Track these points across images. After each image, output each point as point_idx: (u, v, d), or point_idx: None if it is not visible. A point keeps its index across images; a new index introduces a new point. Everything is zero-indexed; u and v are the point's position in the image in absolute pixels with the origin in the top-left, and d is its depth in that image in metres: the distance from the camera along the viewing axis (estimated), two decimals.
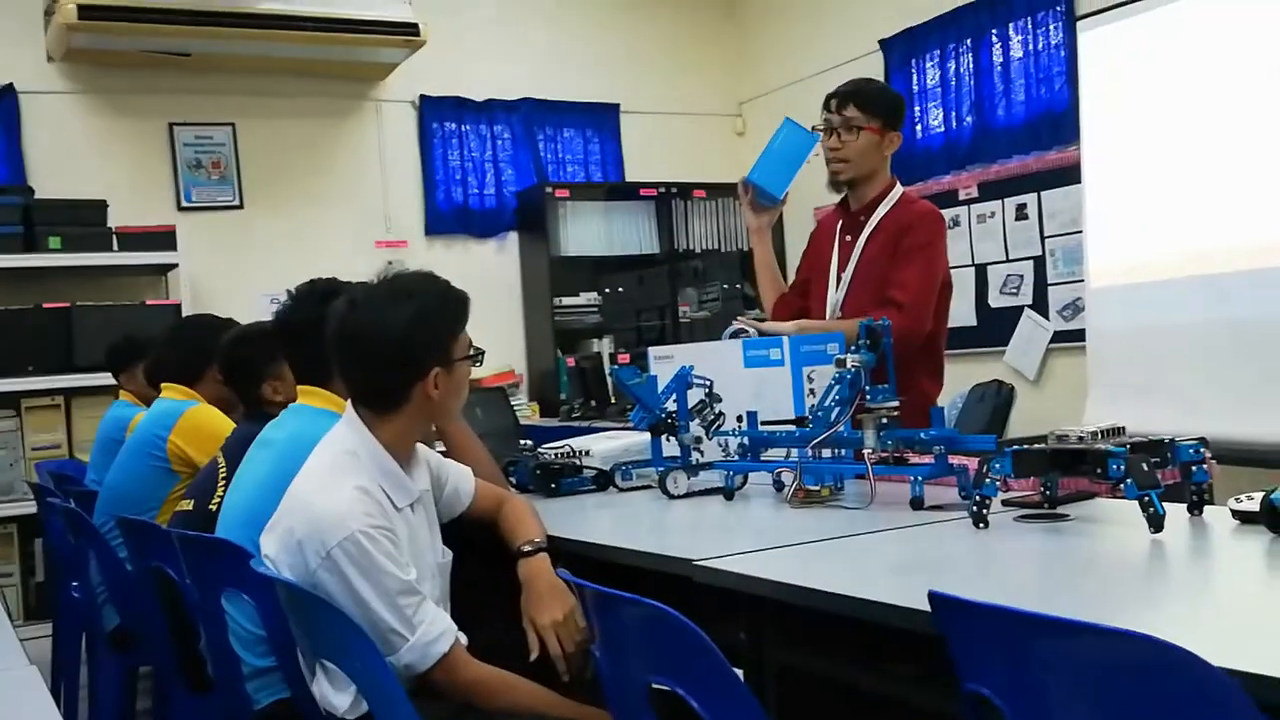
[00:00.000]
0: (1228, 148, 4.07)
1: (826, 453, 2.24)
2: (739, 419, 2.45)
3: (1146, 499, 1.66)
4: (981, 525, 1.81)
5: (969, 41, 5.53)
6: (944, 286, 2.90)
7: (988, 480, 1.82)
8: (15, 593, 5.04)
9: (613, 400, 5.33)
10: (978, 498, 1.82)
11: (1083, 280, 4.81)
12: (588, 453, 2.76)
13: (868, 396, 2.14)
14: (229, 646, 2.06)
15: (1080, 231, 4.81)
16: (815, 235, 3.17)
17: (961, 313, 5.03)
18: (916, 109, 5.79)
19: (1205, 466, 1.81)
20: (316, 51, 5.65)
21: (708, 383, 2.58)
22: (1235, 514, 1.72)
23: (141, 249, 5.24)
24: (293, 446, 2.04)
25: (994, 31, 5.43)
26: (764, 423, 2.39)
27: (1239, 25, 4.06)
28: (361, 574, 1.77)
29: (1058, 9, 5.12)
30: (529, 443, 2.90)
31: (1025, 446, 1.85)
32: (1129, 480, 1.67)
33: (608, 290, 6.48)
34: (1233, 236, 4.06)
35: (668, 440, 2.58)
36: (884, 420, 2.12)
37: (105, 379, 4.39)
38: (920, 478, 2.04)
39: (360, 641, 1.63)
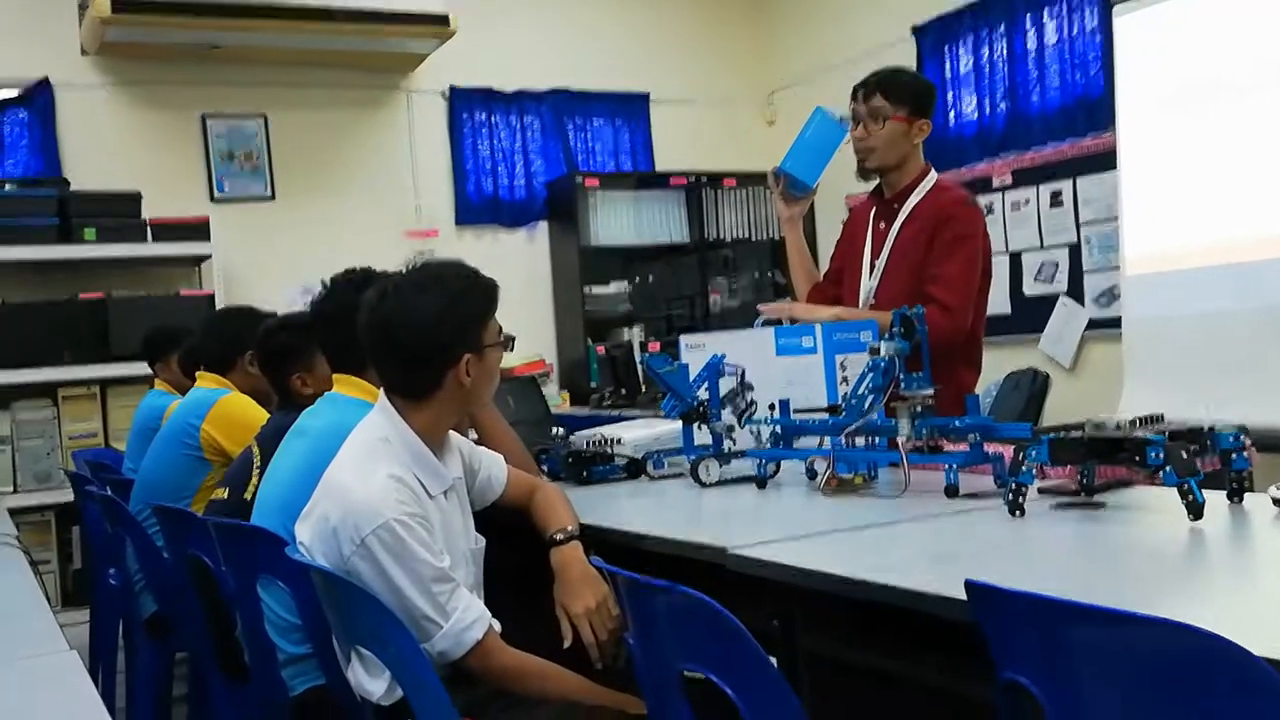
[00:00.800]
0: (1266, 134, 4.01)
1: (860, 441, 2.24)
2: (771, 407, 2.45)
3: (1185, 486, 1.64)
4: (1018, 513, 1.80)
5: (1003, 27, 5.48)
6: (982, 277, 2.88)
7: (1024, 468, 1.81)
8: (54, 579, 5.11)
9: (643, 389, 5.33)
10: (1014, 485, 1.81)
11: (1118, 267, 4.76)
12: (619, 441, 2.76)
13: (902, 384, 2.13)
14: (264, 633, 2.08)
15: (1116, 218, 4.76)
16: (849, 223, 3.15)
17: (996, 300, 4.97)
18: (950, 95, 5.75)
19: (1245, 454, 1.79)
20: (346, 43, 5.67)
21: (739, 371, 2.58)
22: (1276, 501, 1.70)
23: (175, 240, 5.28)
24: (327, 435, 2.05)
25: (1028, 16, 5.37)
26: (796, 411, 2.38)
27: (1276, 9, 4.00)
28: (396, 561, 1.78)
29: None
30: (560, 431, 2.90)
31: (1062, 434, 1.83)
32: (1168, 468, 1.65)
33: (638, 279, 6.48)
34: (1271, 224, 4.01)
35: (699, 428, 2.58)
36: (918, 408, 2.11)
37: (140, 368, 4.43)
38: (955, 465, 2.04)
39: (395, 628, 1.64)
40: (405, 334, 1.90)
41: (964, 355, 2.85)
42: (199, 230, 5.33)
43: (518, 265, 6.32)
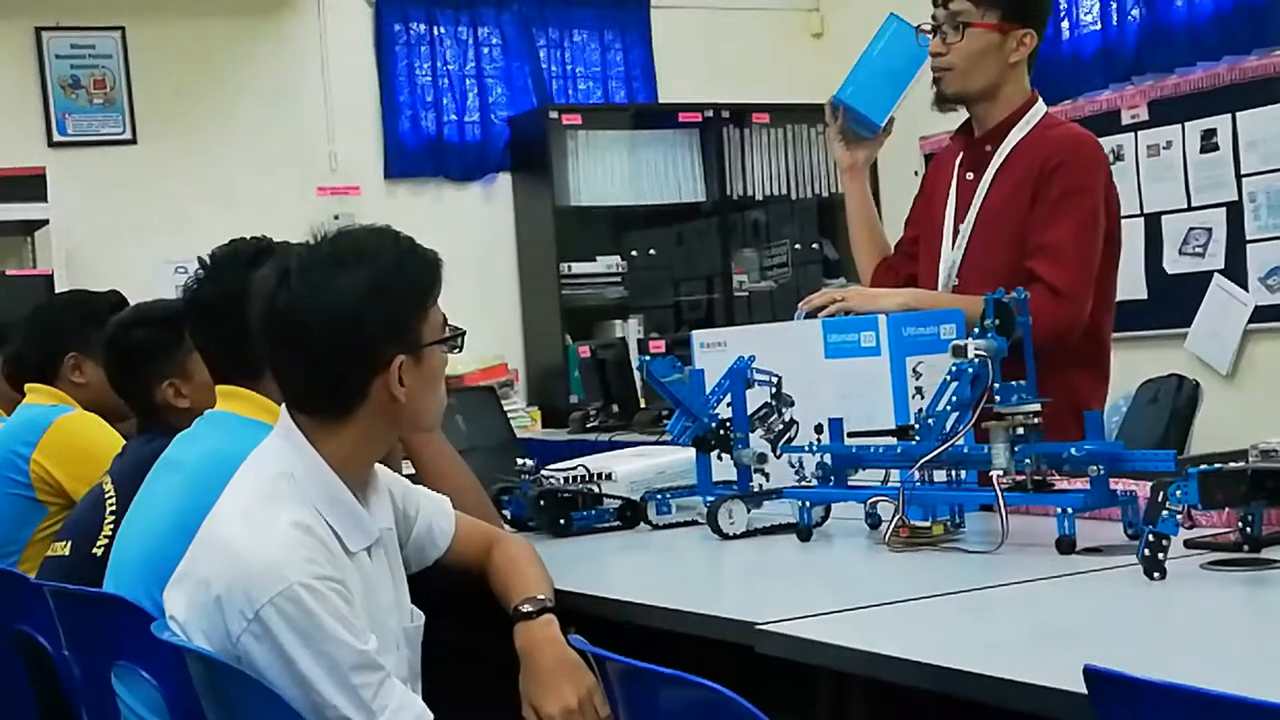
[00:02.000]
0: None
1: (940, 476, 2.24)
2: (818, 429, 2.44)
3: None
4: (1156, 575, 1.80)
5: None
6: (1111, 243, 2.88)
7: (1165, 513, 1.81)
8: None
9: (643, 404, 5.33)
10: (1151, 537, 1.81)
11: None
12: (610, 476, 2.76)
13: (997, 398, 2.13)
14: None
15: None
16: (928, 176, 3.16)
17: (1126, 282, 4.99)
18: (1063, 0, 5.75)
19: None
20: None
21: (774, 379, 2.58)
22: None
23: None
24: (208, 468, 2.05)
25: None
26: (852, 434, 2.38)
27: None
28: (302, 641, 1.78)
29: None
30: (529, 462, 2.90)
31: (1217, 466, 1.83)
32: None
33: (635, 253, 6.49)
34: None
35: (719, 458, 2.57)
36: (1020, 431, 2.12)
37: None
38: (1070, 509, 2.03)
39: None
40: (315, 329, 1.90)
41: (1082, 357, 2.84)
42: (31, 186, 5.34)
43: (470, 234, 6.33)
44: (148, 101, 5.99)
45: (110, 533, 2.37)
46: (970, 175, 2.97)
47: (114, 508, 2.44)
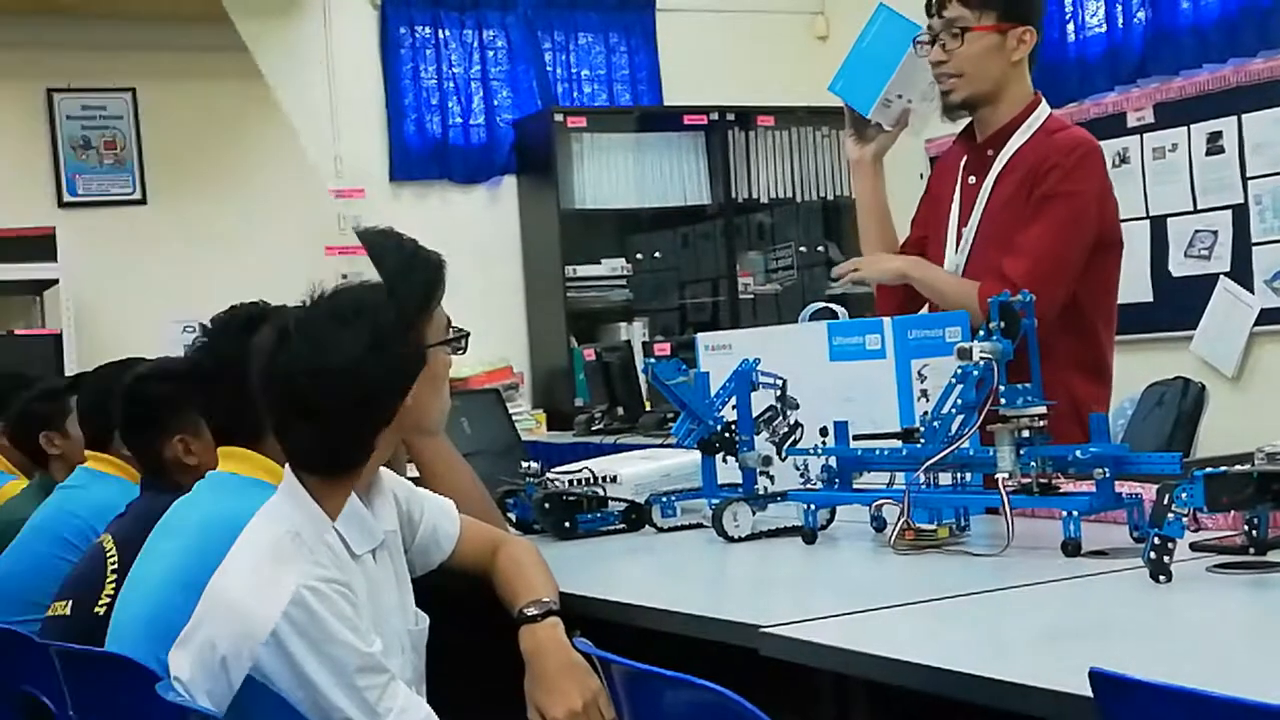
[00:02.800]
0: None
1: (945, 478, 2.24)
2: (823, 432, 2.44)
3: None
4: (1162, 578, 1.80)
5: None
6: (1109, 247, 2.88)
7: (1171, 516, 1.81)
8: None
9: (648, 407, 5.33)
10: (1156, 540, 1.81)
11: None
12: (615, 479, 2.76)
13: (1002, 400, 2.13)
14: None
15: None
16: (933, 178, 3.15)
17: (1131, 284, 4.99)
18: (1068, 1, 5.74)
19: None
20: None
21: (779, 382, 2.58)
22: None
23: (8, 259, 5.28)
24: (210, 530, 2.03)
25: None
26: (857, 437, 2.38)
27: None
28: (308, 645, 1.78)
29: None
30: (534, 465, 2.90)
31: (1223, 469, 1.83)
32: None
33: (640, 256, 6.48)
34: None
35: (724, 461, 2.58)
36: (1025, 433, 2.12)
37: None
38: (1076, 512, 2.03)
39: None
40: (319, 387, 1.90)
41: (1082, 356, 2.84)
42: (41, 246, 5.33)
43: (475, 237, 6.33)
44: (158, 162, 6.00)
45: (112, 592, 2.34)
46: (973, 179, 2.97)
47: (115, 566, 2.42)
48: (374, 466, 2.02)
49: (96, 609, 2.38)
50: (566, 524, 2.66)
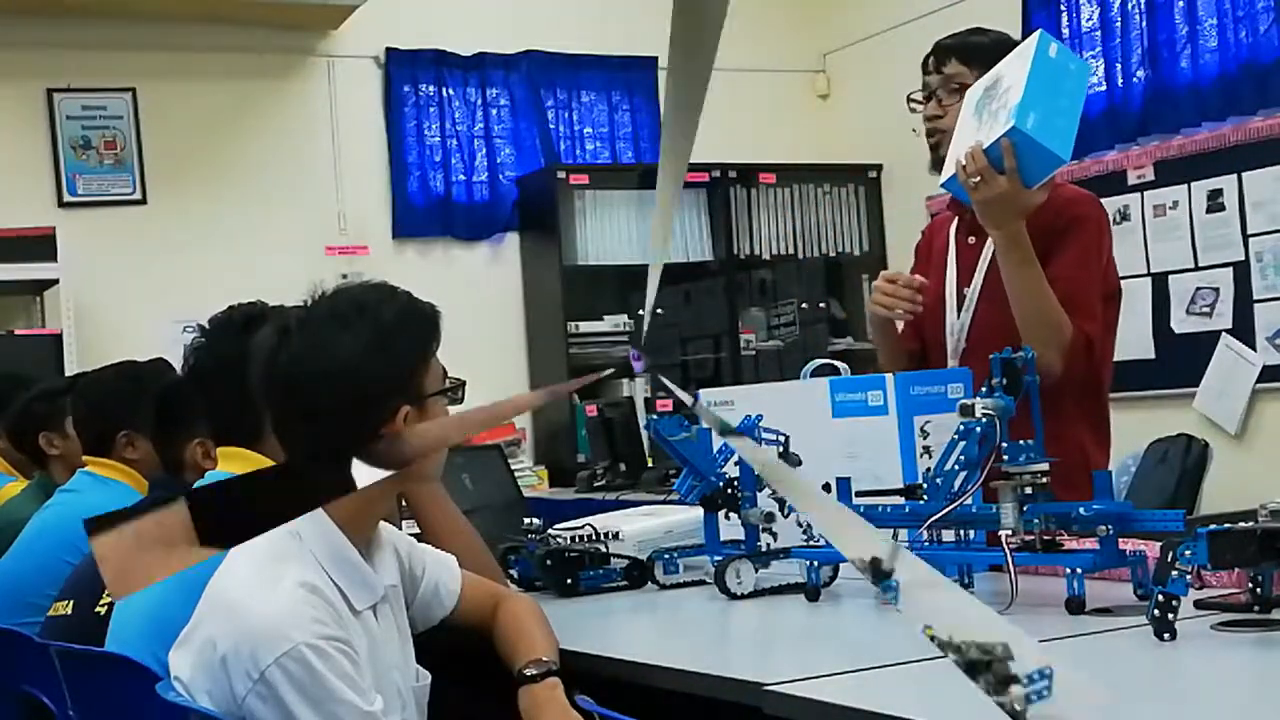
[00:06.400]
0: None
1: (948, 535, 2.23)
2: (825, 488, 2.44)
3: None
4: (1166, 636, 1.80)
5: None
6: (1110, 298, 2.88)
7: (1175, 573, 1.80)
8: None
9: (650, 463, 5.32)
10: (1160, 598, 1.80)
11: None
12: (617, 535, 2.76)
13: (1005, 457, 2.13)
14: None
15: None
16: (922, 247, 3.12)
17: (1132, 339, 5.00)
18: None
19: None
20: None
21: (781, 438, 2.58)
22: None
23: (8, 259, 5.30)
24: None
25: None
26: (860, 493, 2.38)
27: None
28: (308, 702, 1.78)
29: None
30: (536, 521, 2.90)
31: (1226, 526, 1.83)
32: None
33: (641, 312, 6.49)
34: None
35: (727, 518, 2.57)
36: (1029, 490, 2.11)
37: None
38: (1080, 570, 2.03)
39: None
40: (318, 387, 1.90)
41: (1084, 412, 2.83)
42: (41, 246, 5.35)
43: (478, 293, 6.34)
44: (158, 162, 6.02)
45: None
46: (972, 239, 2.95)
47: None
48: (374, 520, 2.01)
49: (97, 609, 2.38)
50: (568, 581, 2.65)
